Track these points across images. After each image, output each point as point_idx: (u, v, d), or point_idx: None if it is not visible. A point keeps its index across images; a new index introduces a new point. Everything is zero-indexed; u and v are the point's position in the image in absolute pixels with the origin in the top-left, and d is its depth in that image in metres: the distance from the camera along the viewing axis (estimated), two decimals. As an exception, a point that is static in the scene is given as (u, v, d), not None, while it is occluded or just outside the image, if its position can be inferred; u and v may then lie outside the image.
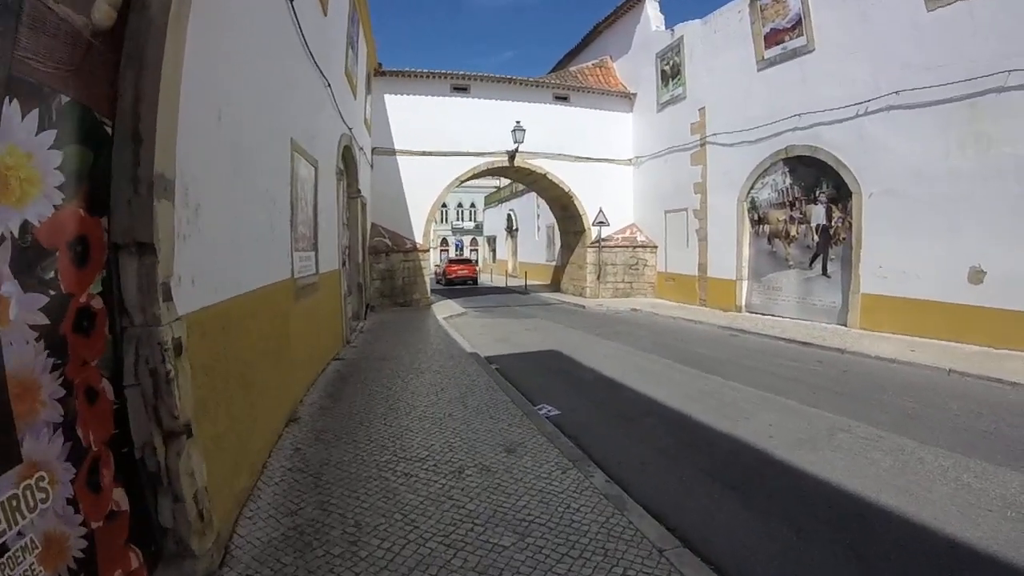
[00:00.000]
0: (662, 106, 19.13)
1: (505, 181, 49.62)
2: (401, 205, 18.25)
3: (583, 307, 18.38)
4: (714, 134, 16.52)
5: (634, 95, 20.90)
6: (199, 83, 3.30)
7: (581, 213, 20.57)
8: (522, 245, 36.42)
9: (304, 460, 4.89)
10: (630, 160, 21.25)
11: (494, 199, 45.93)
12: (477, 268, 37.31)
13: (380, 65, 17.68)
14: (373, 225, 17.57)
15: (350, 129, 11.84)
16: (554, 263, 29.00)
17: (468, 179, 19.82)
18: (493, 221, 46.03)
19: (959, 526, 3.79)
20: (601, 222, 19.95)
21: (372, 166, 17.60)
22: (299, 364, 6.59)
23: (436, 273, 33.30)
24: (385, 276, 17.43)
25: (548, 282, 28.67)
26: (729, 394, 7.35)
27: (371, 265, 16.88)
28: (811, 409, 6.61)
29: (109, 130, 2.73)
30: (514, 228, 38.18)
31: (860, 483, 4.53)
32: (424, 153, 18.53)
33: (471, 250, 55.79)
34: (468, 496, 4.16)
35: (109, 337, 2.78)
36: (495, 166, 19.48)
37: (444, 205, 33.70)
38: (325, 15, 8.70)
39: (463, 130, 18.92)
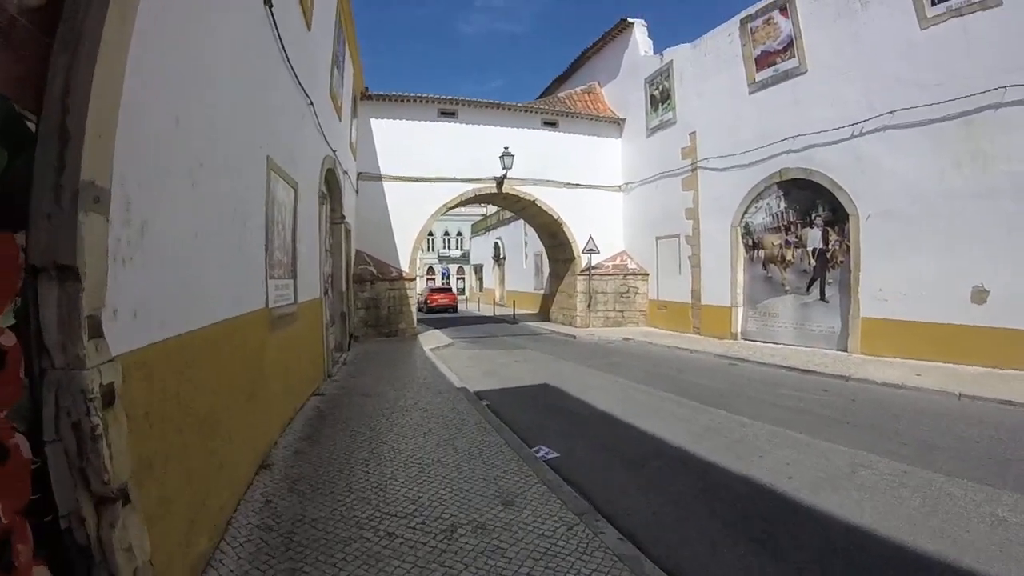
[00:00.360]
0: (652, 131, 18.94)
1: (492, 209, 49.55)
2: (387, 232, 17.76)
3: (574, 337, 17.88)
4: (705, 159, 16.30)
5: (623, 120, 20.77)
6: (151, 79, 2.80)
7: (570, 240, 20.20)
8: (510, 273, 36.01)
9: (275, 515, 4.29)
10: (619, 186, 21.00)
11: (481, 227, 45.63)
12: (457, 297, 37.98)
13: (367, 89, 17.35)
14: (358, 252, 17.04)
15: (334, 151, 11.39)
16: (542, 292, 28.57)
17: (456, 206, 19.42)
18: (480, 249, 45.65)
19: (1003, 568, 3.47)
20: (591, 249, 19.56)
21: (357, 191, 17.14)
22: (274, 402, 6.00)
23: (419, 301, 32.72)
24: (370, 305, 16.86)
25: (537, 311, 28.19)
26: (737, 430, 6.86)
27: (355, 294, 16.32)
28: (825, 443, 6.17)
29: (33, 126, 2.22)
30: (501, 256, 37.79)
31: (893, 526, 4.12)
32: (410, 179, 18.12)
33: (457, 278, 55.42)
34: (462, 562, 3.58)
35: (26, 381, 2.23)
36: (483, 192, 19.10)
37: (431, 233, 33.33)
38: (309, 29, 8.29)
39: (451, 156, 18.58)
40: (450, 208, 19.12)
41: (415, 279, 18.43)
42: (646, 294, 19.93)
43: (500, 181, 18.92)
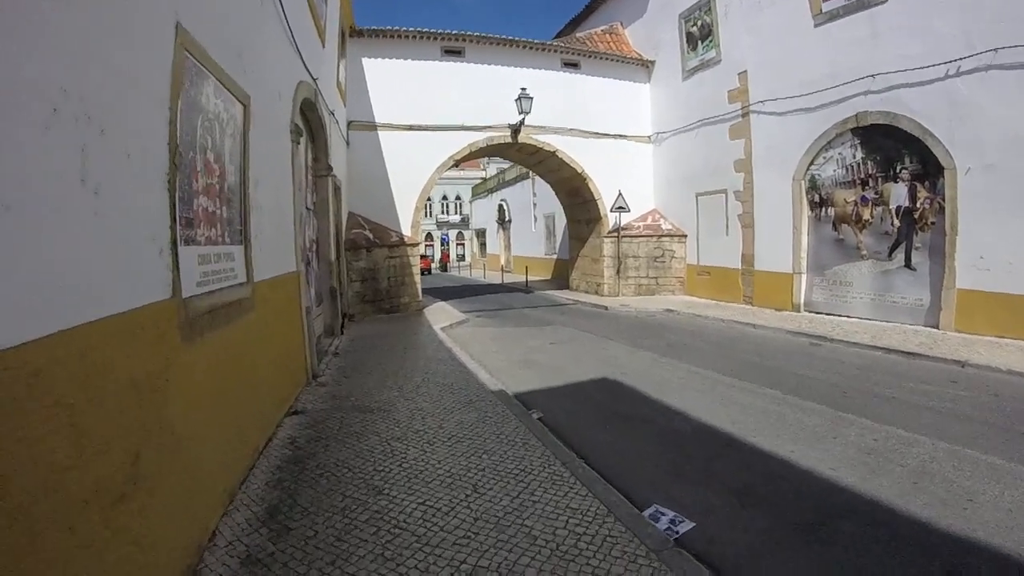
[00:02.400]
0: (689, 73, 16.32)
1: (492, 171, 46.99)
2: (384, 190, 15.03)
3: (605, 308, 15.35)
4: (760, 102, 13.76)
5: (652, 63, 18.04)
6: None
7: (596, 198, 17.56)
8: (516, 238, 33.30)
9: None
10: (649, 137, 18.36)
11: (482, 189, 42.96)
12: (431, 263, 41.45)
13: (355, 24, 14.45)
14: (350, 215, 14.36)
15: (315, 80, 8.66)
16: (555, 256, 26.14)
17: (465, 158, 16.66)
18: (482, 213, 42.92)
19: None
20: (621, 207, 17.00)
21: (348, 143, 14.39)
22: (196, 472, 3.41)
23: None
24: (366, 277, 14.20)
25: (549, 277, 25.78)
26: (912, 454, 4.77)
27: (348, 264, 13.66)
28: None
29: None
30: (507, 219, 35.04)
31: None
32: (411, 127, 15.32)
33: (457, 244, 52.93)
34: None
35: None
36: (496, 142, 16.29)
37: (428, 199, 29.88)
38: None
39: (458, 101, 15.75)
40: (459, 161, 16.34)
41: (419, 244, 15.76)
42: (683, 258, 17.38)
43: (516, 129, 16.14)
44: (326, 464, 4.53)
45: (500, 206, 36.03)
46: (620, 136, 17.91)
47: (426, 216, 50.14)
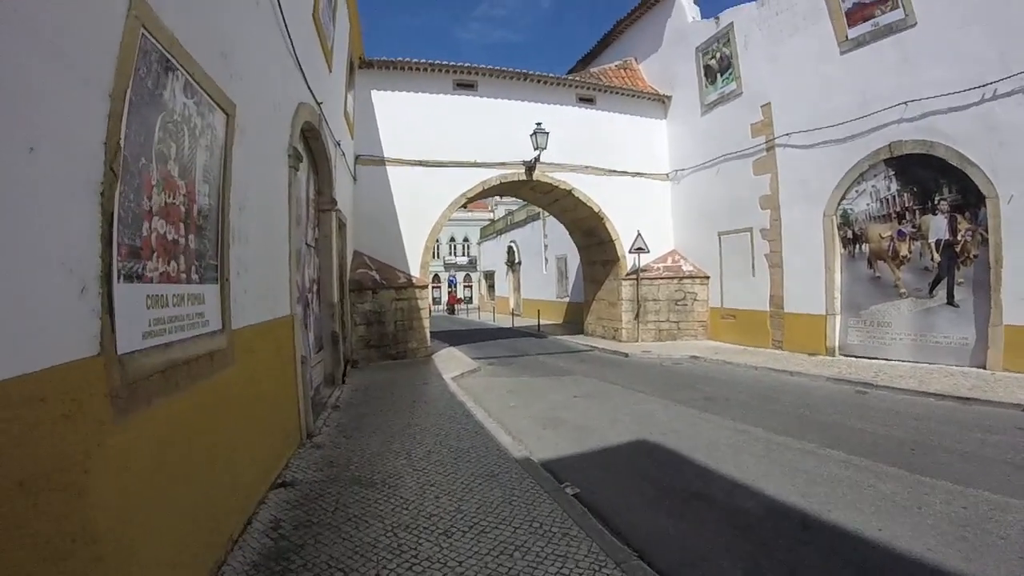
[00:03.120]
0: (708, 107, 15.82)
1: (500, 212, 46.51)
2: (392, 228, 14.25)
3: (626, 355, 14.35)
4: (785, 134, 13.20)
5: (668, 98, 17.59)
6: None
7: (613, 238, 16.78)
8: (526, 280, 32.47)
9: None
10: (667, 175, 17.69)
11: (490, 231, 42.33)
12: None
13: (365, 56, 13.90)
14: (356, 254, 13.55)
15: (319, 104, 7.93)
16: (567, 299, 25.28)
17: (478, 196, 15.94)
18: (490, 255, 42.20)
19: None
20: (640, 248, 16.21)
21: (355, 178, 13.68)
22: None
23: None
24: (372, 320, 13.29)
25: (561, 321, 24.86)
26: (1009, 521, 4.07)
27: (353, 306, 12.78)
28: None
29: None
30: (516, 261, 34.26)
31: None
32: (422, 163, 14.64)
33: (464, 286, 52.19)
34: None
35: None
36: (509, 179, 15.57)
37: (436, 240, 28.93)
38: None
39: (470, 136, 15.15)
40: (471, 199, 15.61)
41: (428, 287, 14.90)
42: (706, 301, 16.52)
43: (531, 166, 15.46)
44: (316, 563, 3.52)
45: (509, 248, 35.29)
46: (637, 174, 17.25)
47: (434, 257, 49.46)
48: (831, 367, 10.76)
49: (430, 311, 14.86)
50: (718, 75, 15.31)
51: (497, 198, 50.15)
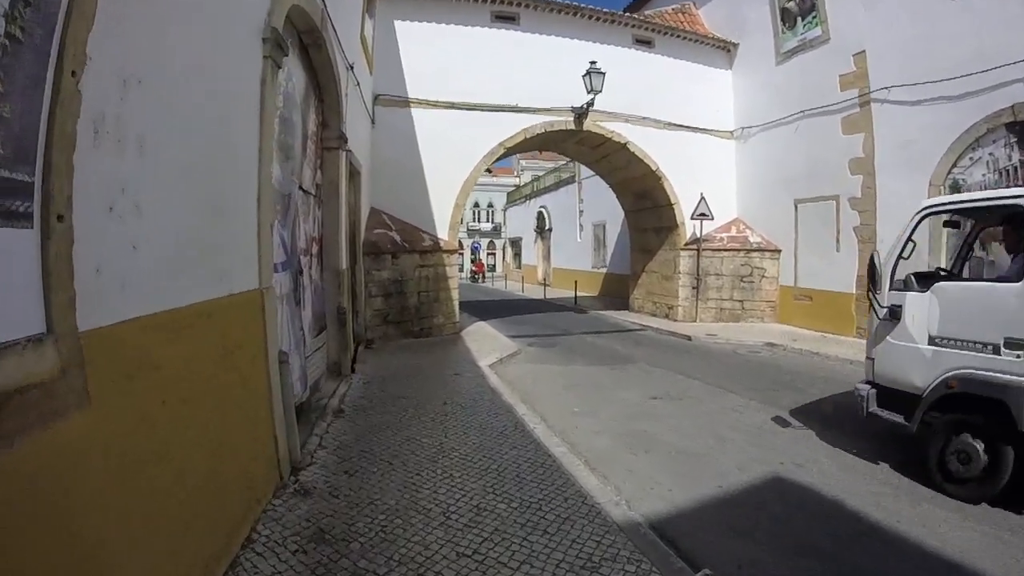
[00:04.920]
0: (785, 56, 13.38)
1: (528, 177, 43.86)
2: (417, 182, 12.01)
3: (688, 338, 12.16)
4: (884, 88, 10.93)
5: (735, 46, 14.99)
6: None
7: (671, 202, 14.43)
8: (558, 248, 30.12)
9: None
10: (732, 132, 15.21)
11: (518, 196, 39.94)
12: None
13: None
14: (373, 211, 11.37)
15: (323, 3, 5.70)
16: (604, 270, 23.01)
17: (518, 148, 13.59)
18: (517, 221, 39.83)
19: None
20: (703, 214, 13.91)
21: (373, 121, 11.43)
22: None
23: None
24: (391, 290, 11.13)
25: (596, 293, 22.63)
26: None
27: (368, 273, 10.61)
28: None
29: None
30: (547, 228, 31.87)
31: None
32: (453, 106, 12.32)
33: (488, 254, 49.98)
34: None
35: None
36: (555, 128, 13.21)
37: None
38: None
39: (510, 77, 12.76)
40: (510, 150, 13.23)
41: (457, 252, 12.71)
42: (776, 278, 14.15)
43: (582, 112, 13.07)
44: None
45: (540, 213, 32.88)
46: (700, 130, 14.81)
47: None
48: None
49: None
50: (798, 19, 12.91)
51: (523, 162, 47.84)
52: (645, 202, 15.72)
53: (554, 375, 8.58)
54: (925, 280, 4.78)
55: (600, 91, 12.51)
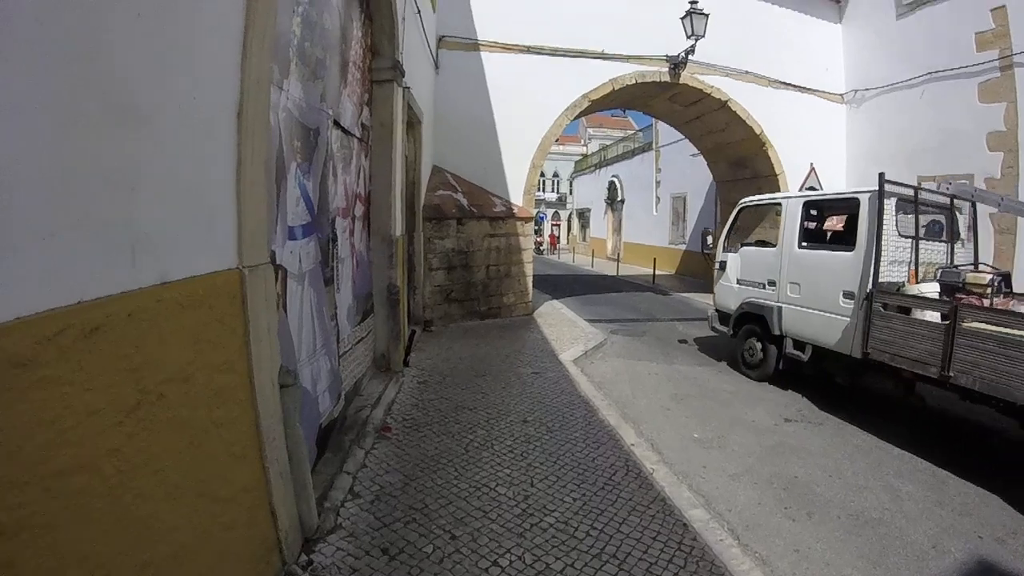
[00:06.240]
0: (909, 8, 11.28)
1: (595, 146, 41.56)
2: (487, 138, 10.34)
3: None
4: None
5: (846, -4, 12.68)
6: None
7: (776, 172, 12.43)
8: (630, 221, 27.98)
9: None
10: (842, 95, 13.01)
11: (586, 165, 37.86)
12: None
13: None
14: (436, 169, 9.80)
15: None
16: (683, 247, 20.95)
17: (604, 100, 11.64)
18: (585, 191, 37.70)
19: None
20: (813, 188, 11.81)
21: (437, 66, 9.81)
22: None
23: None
24: (455, 263, 9.55)
25: (672, 271, 20.69)
26: None
27: (429, 242, 9.06)
28: None
29: None
30: (619, 199, 29.72)
31: None
32: (529, 49, 10.52)
33: (553, 225, 48.03)
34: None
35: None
36: (647, 79, 11.26)
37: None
38: None
39: (595, 16, 10.82)
40: (595, 102, 11.32)
41: (532, 219, 11.02)
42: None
43: (679, 61, 11.08)
44: None
45: (611, 183, 30.70)
46: (807, 90, 12.62)
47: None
48: None
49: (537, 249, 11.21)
50: (926, -36, 10.72)
51: (590, 130, 45.41)
52: (743, 171, 13.62)
53: (654, 378, 6.86)
54: (743, 246, 7.54)
55: (703, 35, 10.51)
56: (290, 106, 3.18)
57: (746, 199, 7.89)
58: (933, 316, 4.69)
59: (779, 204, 6.98)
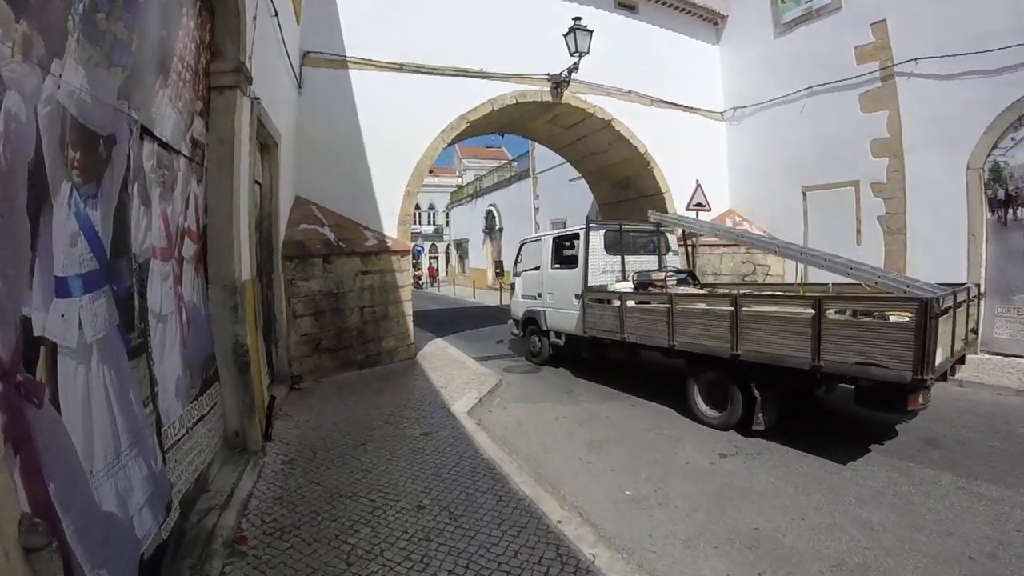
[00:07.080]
0: (787, 27, 11.82)
1: (470, 176, 41.24)
2: (357, 165, 9.28)
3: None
4: (912, 60, 9.57)
5: (723, 18, 13.34)
6: None
7: (662, 190, 12.44)
8: (509, 248, 27.67)
9: None
10: (722, 113, 13.45)
11: (461, 195, 37.50)
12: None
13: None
14: (299, 201, 8.61)
15: None
16: (567, 272, 20.65)
17: (483, 122, 10.91)
18: (462, 222, 37.19)
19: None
20: (700, 204, 11.71)
21: (300, 85, 8.70)
22: None
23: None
24: (323, 307, 8.33)
25: (558, 300, 20.27)
26: None
27: (292, 284, 7.82)
28: None
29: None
30: (497, 228, 29.38)
31: None
32: (403, 67, 9.66)
33: (431, 257, 47.06)
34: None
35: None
36: (527, 100, 10.74)
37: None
38: None
39: (472, 35, 10.29)
40: (472, 123, 10.56)
41: (410, 253, 10.05)
42: (781, 276, 12.33)
43: (562, 80, 10.69)
44: None
45: (489, 212, 30.34)
46: (691, 109, 12.85)
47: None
48: (991, 371, 7.61)
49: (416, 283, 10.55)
50: (803, -14, 11.40)
51: (464, 161, 45.17)
52: (627, 192, 13.51)
53: (563, 423, 6.08)
54: (524, 271, 10.02)
55: (587, 52, 10.19)
56: (62, 98, 2.11)
57: (524, 238, 10.76)
58: (615, 302, 7.18)
59: (541, 240, 9.49)
